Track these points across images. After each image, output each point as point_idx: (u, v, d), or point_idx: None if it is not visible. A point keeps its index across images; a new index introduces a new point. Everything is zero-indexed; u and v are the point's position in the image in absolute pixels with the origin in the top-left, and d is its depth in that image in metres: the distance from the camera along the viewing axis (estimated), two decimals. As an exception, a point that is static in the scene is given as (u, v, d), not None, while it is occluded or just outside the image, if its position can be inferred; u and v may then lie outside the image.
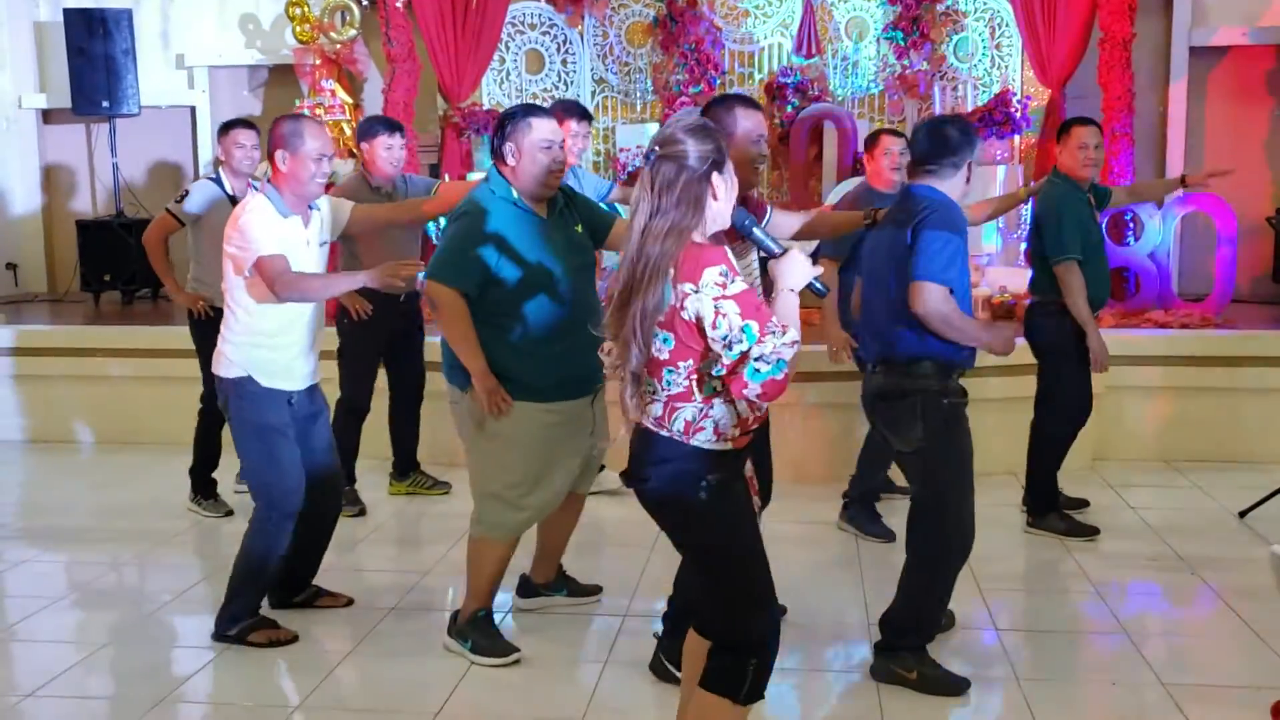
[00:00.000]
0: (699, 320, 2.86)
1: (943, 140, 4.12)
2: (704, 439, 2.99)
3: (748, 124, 4.10)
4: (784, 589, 4.81)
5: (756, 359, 2.83)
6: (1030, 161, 8.89)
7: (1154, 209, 7.91)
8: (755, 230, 3.17)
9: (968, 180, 4.14)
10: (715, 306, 2.83)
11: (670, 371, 2.95)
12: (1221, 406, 7.12)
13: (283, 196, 4.41)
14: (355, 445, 6.24)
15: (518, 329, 4.20)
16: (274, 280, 4.31)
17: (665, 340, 2.92)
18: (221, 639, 4.56)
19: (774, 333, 2.83)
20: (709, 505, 3.01)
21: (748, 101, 4.21)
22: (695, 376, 2.94)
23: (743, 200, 4.02)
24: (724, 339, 2.85)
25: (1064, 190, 5.59)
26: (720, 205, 2.98)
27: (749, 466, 3.21)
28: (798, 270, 3.00)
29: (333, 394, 6.16)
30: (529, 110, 4.28)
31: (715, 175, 2.94)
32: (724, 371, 2.91)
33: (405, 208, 5.16)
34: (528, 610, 4.87)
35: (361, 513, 6.23)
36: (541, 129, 4.18)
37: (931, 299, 3.92)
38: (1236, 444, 7.10)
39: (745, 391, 2.88)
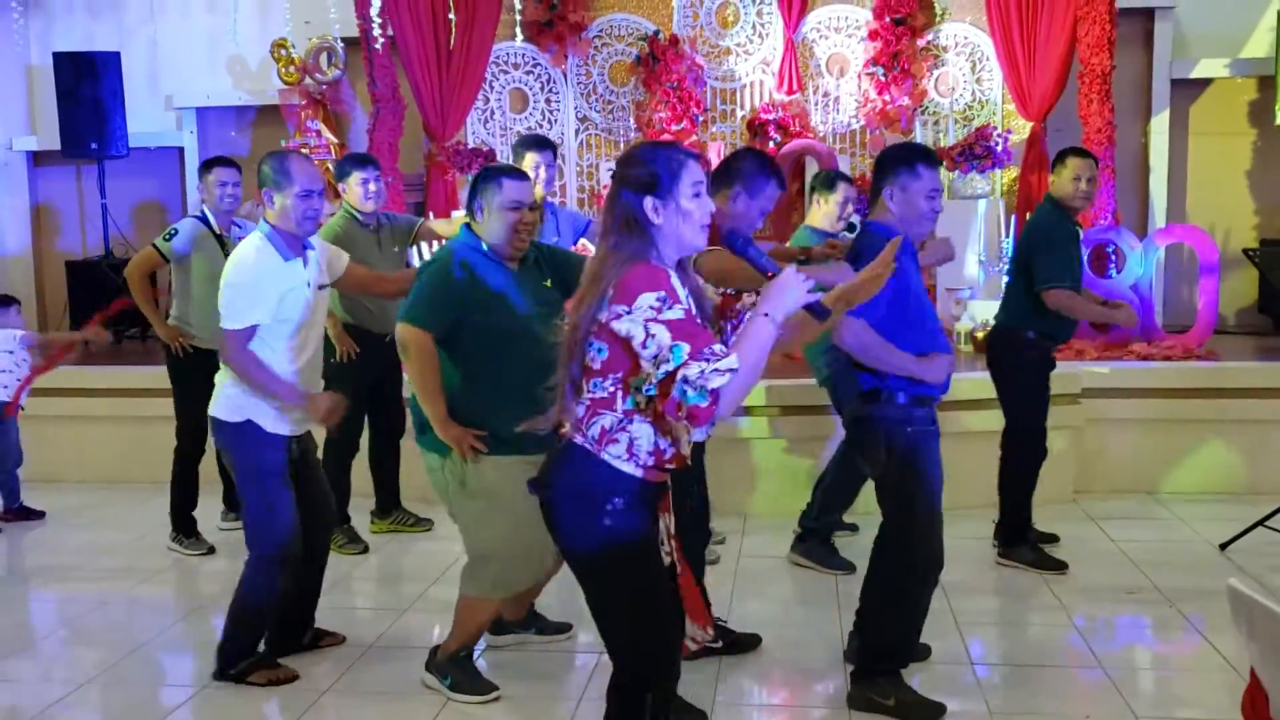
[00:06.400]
0: (629, 339, 2.82)
1: (876, 173, 4.25)
2: (616, 453, 2.91)
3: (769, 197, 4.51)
4: (759, 623, 4.89)
5: (684, 381, 2.76)
6: (1012, 195, 8.95)
7: (1135, 239, 7.94)
8: (749, 250, 3.08)
9: (901, 201, 4.15)
10: (645, 329, 2.78)
11: (599, 381, 2.92)
12: (1204, 439, 7.11)
13: (281, 237, 4.39)
14: (348, 486, 6.25)
15: (486, 377, 4.21)
16: (229, 350, 4.32)
17: (600, 350, 2.90)
18: (222, 678, 4.55)
19: (707, 359, 2.74)
20: (608, 540, 2.93)
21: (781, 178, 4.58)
22: (621, 387, 2.90)
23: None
24: (653, 358, 2.79)
25: (1054, 219, 5.58)
26: (671, 229, 2.92)
27: (668, 526, 3.06)
28: (787, 295, 2.83)
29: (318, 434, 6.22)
30: (502, 171, 4.36)
31: (648, 198, 2.90)
32: (654, 391, 2.85)
33: (389, 280, 5.10)
34: (499, 647, 4.86)
35: (365, 550, 6.25)
36: (510, 190, 4.25)
37: (850, 333, 4.01)
38: (1218, 476, 7.09)
39: (674, 411, 2.81)
